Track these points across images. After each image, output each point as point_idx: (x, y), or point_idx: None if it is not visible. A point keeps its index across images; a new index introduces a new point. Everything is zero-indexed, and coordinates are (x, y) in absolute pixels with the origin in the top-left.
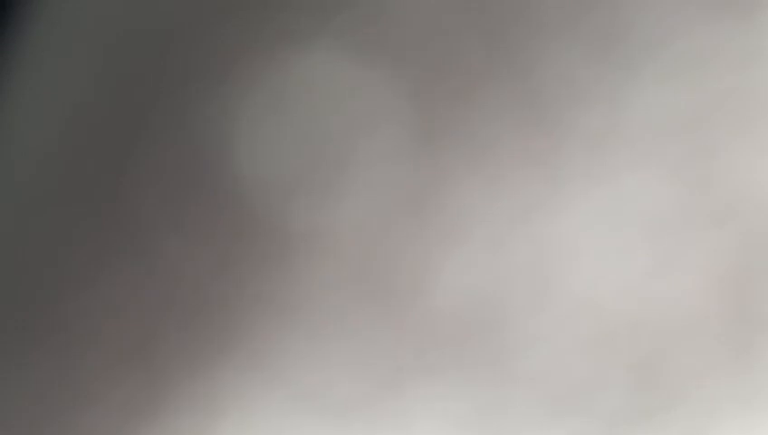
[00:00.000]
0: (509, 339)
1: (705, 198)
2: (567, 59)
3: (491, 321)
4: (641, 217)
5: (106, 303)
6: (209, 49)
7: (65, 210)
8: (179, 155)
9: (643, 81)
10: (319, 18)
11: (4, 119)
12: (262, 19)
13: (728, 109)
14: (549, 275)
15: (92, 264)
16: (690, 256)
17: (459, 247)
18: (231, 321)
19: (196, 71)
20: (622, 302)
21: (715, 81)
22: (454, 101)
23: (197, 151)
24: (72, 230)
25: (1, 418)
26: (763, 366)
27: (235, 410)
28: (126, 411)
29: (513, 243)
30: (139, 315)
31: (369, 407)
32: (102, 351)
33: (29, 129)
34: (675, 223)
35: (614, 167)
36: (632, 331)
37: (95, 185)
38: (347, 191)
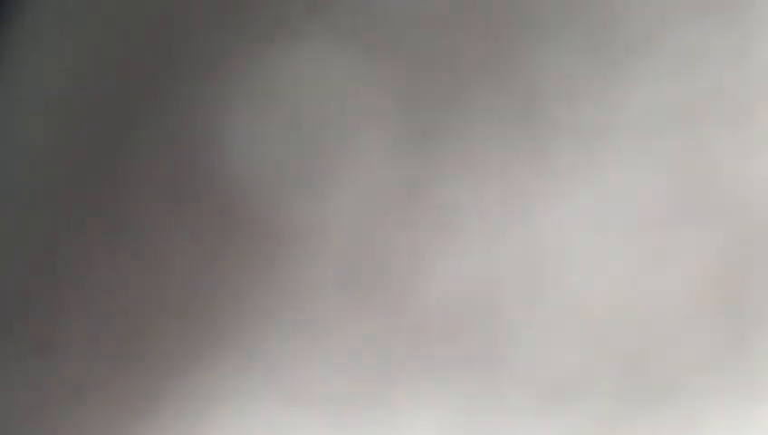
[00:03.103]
0: (500, 334)
1: (696, 194)
2: (558, 55)
3: (482, 316)
4: (632, 212)
5: (97, 301)
6: (199, 44)
7: (56, 208)
8: (170, 152)
9: (634, 77)
10: (309, 13)
11: None
12: (252, 14)
13: (718, 105)
14: (540, 271)
15: (83, 261)
16: (680, 251)
17: (450, 243)
18: (222, 317)
19: (185, 66)
20: (613, 297)
21: (706, 77)
22: (445, 97)
23: (188, 148)
24: (62, 228)
25: None
26: (753, 360)
27: (227, 406)
28: (119, 409)
29: (503, 239)
30: (130, 313)
31: (361, 401)
32: (95, 348)
33: (19, 126)
34: (665, 218)
35: (605, 162)
36: (623, 326)
37: (86, 183)
38: (337, 187)
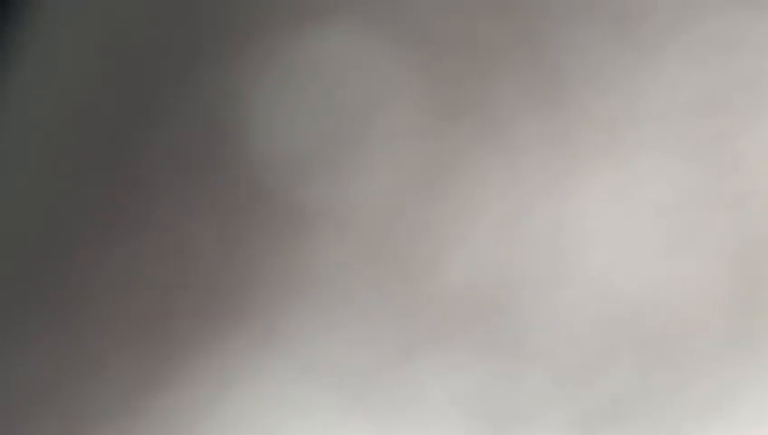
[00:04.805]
0: (521, 316)
1: (720, 181)
2: (586, 39)
3: (503, 298)
4: (656, 199)
5: (120, 277)
6: (224, 25)
7: (79, 185)
8: (194, 132)
9: (662, 63)
10: None
11: (18, 92)
12: None
13: (746, 92)
14: (562, 255)
15: (105, 238)
16: (704, 238)
17: (474, 225)
18: (244, 295)
19: (210, 47)
20: (635, 282)
21: (735, 64)
22: (471, 79)
23: (212, 128)
24: (85, 204)
25: (16, 387)
26: None
27: (245, 382)
28: (138, 382)
29: (527, 222)
30: (152, 289)
31: (380, 380)
32: (116, 323)
33: (41, 103)
34: (689, 205)
35: (631, 148)
36: (643, 310)
37: (110, 161)
38: (362, 168)
